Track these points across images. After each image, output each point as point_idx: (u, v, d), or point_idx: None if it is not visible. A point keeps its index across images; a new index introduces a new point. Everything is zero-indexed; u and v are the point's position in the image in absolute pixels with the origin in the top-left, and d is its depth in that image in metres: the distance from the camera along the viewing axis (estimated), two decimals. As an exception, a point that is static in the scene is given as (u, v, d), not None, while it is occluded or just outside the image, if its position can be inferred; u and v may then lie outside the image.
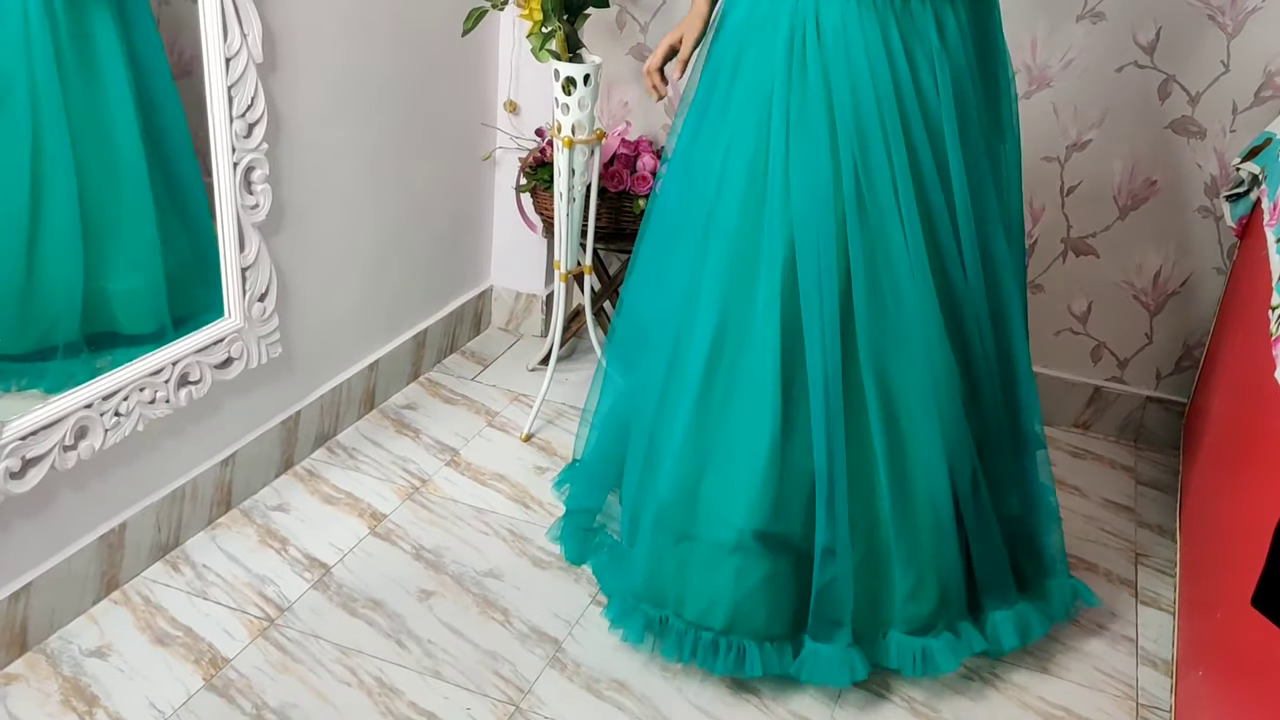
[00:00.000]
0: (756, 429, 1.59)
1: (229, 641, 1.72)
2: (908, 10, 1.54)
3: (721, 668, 1.65)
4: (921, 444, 1.61)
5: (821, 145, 1.56)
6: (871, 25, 1.53)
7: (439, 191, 2.47)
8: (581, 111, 2.16)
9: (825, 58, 1.55)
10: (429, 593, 1.86)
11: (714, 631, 1.65)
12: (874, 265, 1.58)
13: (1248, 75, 2.15)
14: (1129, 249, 2.35)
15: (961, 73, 1.58)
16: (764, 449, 1.59)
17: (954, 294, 1.62)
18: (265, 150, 1.86)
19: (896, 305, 1.59)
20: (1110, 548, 2.10)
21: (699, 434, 1.63)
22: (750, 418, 1.60)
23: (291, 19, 1.89)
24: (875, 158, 1.56)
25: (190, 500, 1.91)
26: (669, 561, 1.66)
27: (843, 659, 1.63)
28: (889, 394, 1.60)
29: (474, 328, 2.73)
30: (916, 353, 1.60)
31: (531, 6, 2.07)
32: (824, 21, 1.54)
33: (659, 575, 1.68)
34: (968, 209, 1.61)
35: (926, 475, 1.62)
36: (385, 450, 2.25)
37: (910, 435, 1.62)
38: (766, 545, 1.62)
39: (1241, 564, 1.41)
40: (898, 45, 1.54)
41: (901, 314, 1.59)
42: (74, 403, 1.62)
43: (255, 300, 1.92)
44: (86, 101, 1.64)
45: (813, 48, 1.55)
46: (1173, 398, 2.42)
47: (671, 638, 1.67)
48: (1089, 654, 1.83)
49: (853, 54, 1.54)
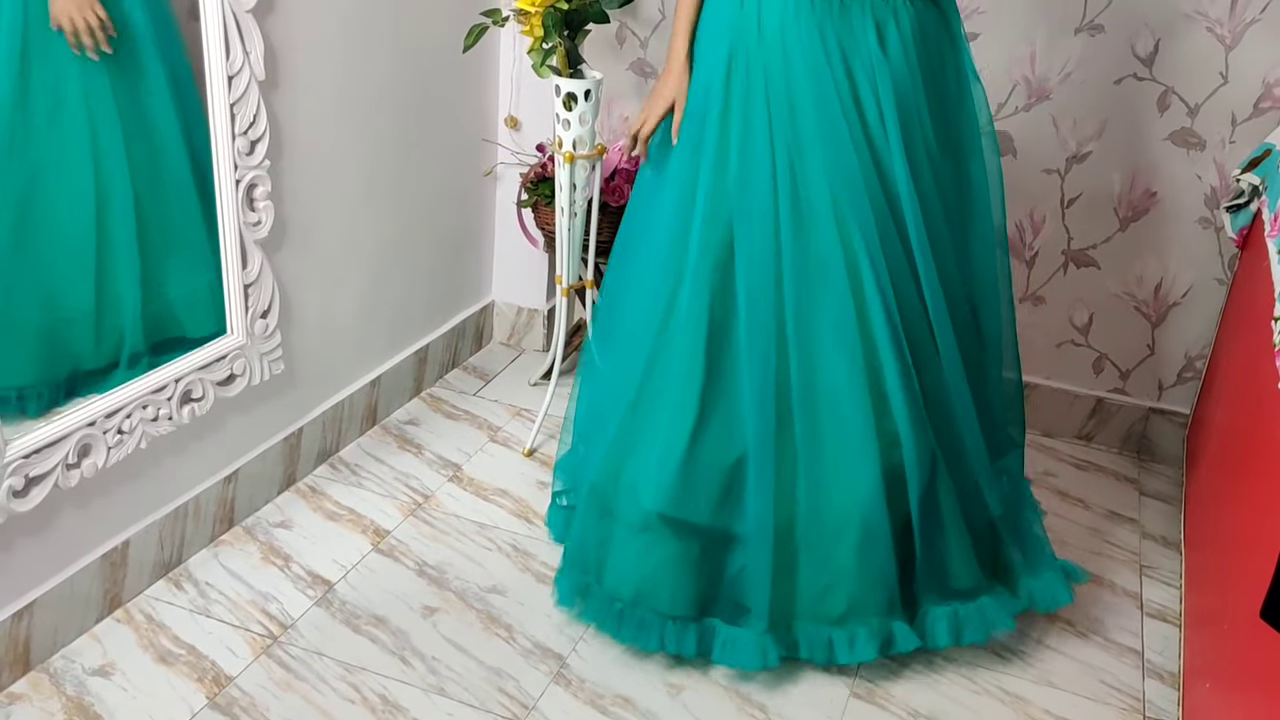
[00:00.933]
0: (674, 419, 1.68)
1: (232, 659, 1.71)
2: (846, 16, 1.57)
3: (625, 637, 1.75)
4: (846, 452, 1.65)
5: (760, 144, 1.61)
6: (809, 27, 1.57)
7: (440, 207, 2.48)
8: (582, 127, 2.17)
9: (765, 57, 1.60)
10: (432, 609, 1.85)
11: (623, 603, 1.74)
12: (806, 269, 1.63)
13: (1246, 87, 2.16)
14: (1130, 260, 2.35)
15: (904, 83, 1.60)
16: (679, 439, 1.67)
17: (900, 299, 1.64)
18: (267, 167, 1.86)
19: (827, 311, 1.63)
20: (1114, 559, 2.10)
21: (631, 420, 1.73)
22: (670, 408, 1.68)
23: (293, 36, 1.90)
24: (810, 157, 1.60)
25: (193, 517, 1.91)
26: (594, 534, 1.77)
27: (756, 644, 1.69)
28: (814, 399, 1.65)
29: (476, 343, 2.73)
30: (843, 361, 1.63)
31: (532, 23, 2.08)
32: (765, 22, 1.60)
33: (586, 545, 1.79)
34: (917, 214, 1.62)
35: (849, 483, 1.65)
36: (388, 466, 2.24)
37: (833, 442, 1.66)
38: (672, 529, 1.69)
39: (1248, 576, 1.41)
40: (834, 48, 1.58)
41: (831, 320, 1.63)
42: (77, 420, 1.62)
43: (258, 317, 1.92)
44: (135, 114, 1.69)
45: (754, 47, 1.61)
46: (1175, 409, 2.42)
47: (592, 603, 1.78)
48: (1094, 666, 1.82)
49: (790, 54, 1.59)
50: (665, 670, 1.74)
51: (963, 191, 1.73)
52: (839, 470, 1.65)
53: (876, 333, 1.62)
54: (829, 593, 1.68)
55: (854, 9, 1.57)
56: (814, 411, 1.65)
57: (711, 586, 1.73)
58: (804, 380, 1.64)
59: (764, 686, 1.72)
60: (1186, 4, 2.14)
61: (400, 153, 2.29)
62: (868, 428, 1.63)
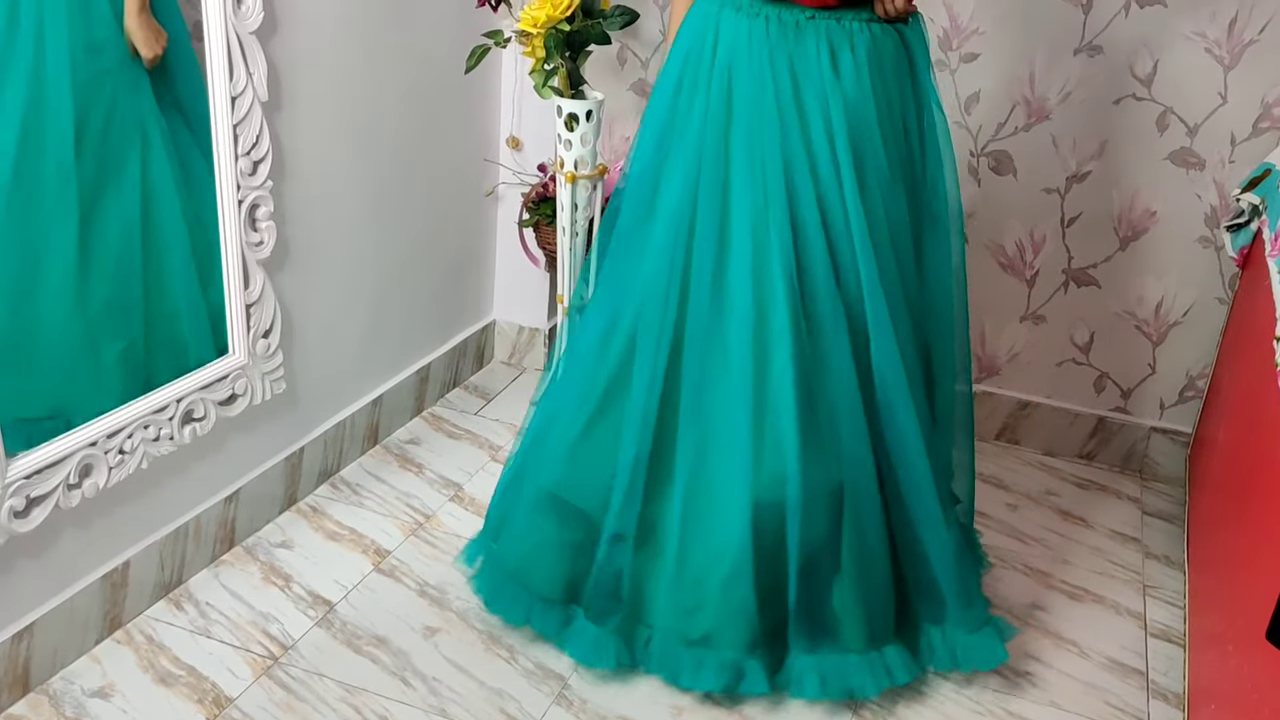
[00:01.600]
0: (580, 405, 1.73)
1: (232, 680, 1.71)
2: (801, 39, 1.58)
3: (495, 608, 1.82)
4: (727, 484, 1.63)
5: (688, 154, 1.63)
6: (761, 51, 1.58)
7: (442, 227, 2.48)
8: (584, 147, 2.17)
9: (710, 81, 1.62)
10: (434, 629, 1.85)
11: (504, 573, 1.80)
12: (717, 298, 1.62)
13: (1245, 107, 2.17)
14: (1130, 279, 2.36)
15: (856, 106, 1.58)
16: (578, 425, 1.72)
17: (824, 336, 1.61)
18: (270, 188, 1.87)
19: (731, 339, 1.62)
20: (1117, 579, 2.09)
21: (555, 399, 1.80)
22: (577, 394, 1.74)
23: (296, 57, 1.90)
24: (737, 171, 1.61)
25: (193, 538, 1.91)
26: (505, 501, 1.85)
27: (603, 642, 1.71)
28: (704, 423, 1.65)
29: (477, 362, 2.73)
30: (735, 392, 1.62)
31: (534, 44, 2.09)
32: (720, 44, 1.61)
33: (496, 510, 1.87)
34: (865, 238, 1.59)
35: (726, 513, 1.63)
36: (389, 486, 2.24)
37: (720, 472, 1.64)
38: (559, 511, 1.74)
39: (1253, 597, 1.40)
40: (784, 71, 1.58)
41: (733, 350, 1.62)
42: (78, 441, 1.62)
43: (259, 336, 1.92)
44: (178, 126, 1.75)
45: (707, 58, 1.62)
46: (1177, 428, 2.42)
47: (487, 566, 1.85)
48: (1099, 687, 1.81)
49: (736, 68, 1.60)
50: (668, 692, 1.73)
51: (920, 220, 1.69)
52: (721, 499, 1.64)
53: (776, 367, 1.60)
54: (694, 614, 1.67)
55: (808, 32, 1.57)
56: (703, 436, 1.65)
57: (584, 576, 1.74)
58: (693, 402, 1.65)
59: (765, 710, 1.71)
60: (1185, 25, 2.15)
61: (402, 172, 2.30)
62: (745, 463, 1.62)
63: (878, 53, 1.60)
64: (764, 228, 1.60)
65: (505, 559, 1.80)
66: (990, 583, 2.05)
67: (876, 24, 1.60)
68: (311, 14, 1.92)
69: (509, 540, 1.81)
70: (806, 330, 1.61)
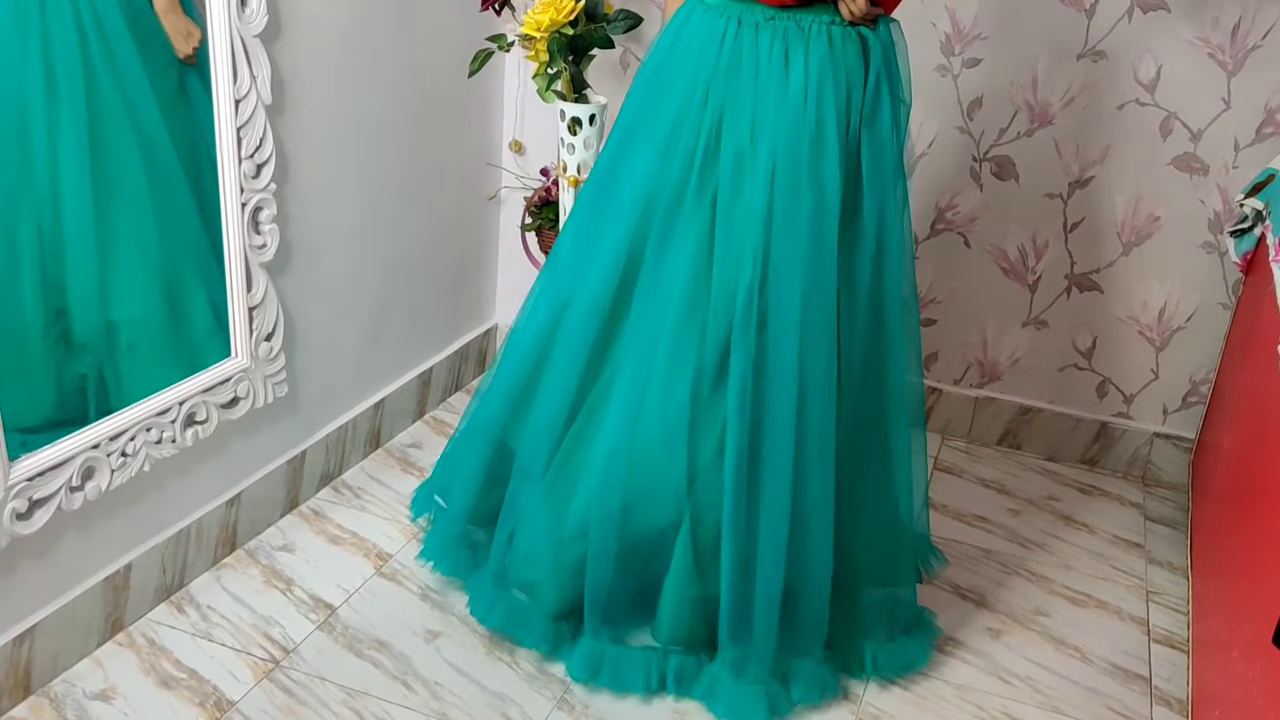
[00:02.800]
0: (521, 365, 1.82)
1: (234, 684, 1.70)
2: (758, 35, 1.59)
3: (428, 537, 1.98)
4: (585, 471, 1.70)
5: (653, 146, 1.66)
6: (728, 41, 1.60)
7: (445, 231, 2.48)
8: (587, 151, 2.17)
9: (683, 68, 1.64)
10: (435, 633, 1.84)
11: (437, 504, 1.97)
12: (656, 271, 1.66)
13: (1249, 112, 2.17)
14: (1133, 285, 2.36)
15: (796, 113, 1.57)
16: (525, 371, 1.81)
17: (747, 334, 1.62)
18: (273, 191, 1.87)
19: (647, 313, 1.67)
20: (1120, 585, 2.09)
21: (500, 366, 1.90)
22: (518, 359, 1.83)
23: (300, 61, 1.91)
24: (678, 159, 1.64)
25: (195, 541, 1.90)
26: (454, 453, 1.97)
27: (480, 584, 1.84)
28: (604, 407, 1.71)
29: (479, 366, 2.73)
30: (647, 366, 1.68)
31: (538, 48, 2.09)
32: (692, 30, 1.64)
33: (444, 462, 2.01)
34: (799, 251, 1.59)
35: (583, 498, 1.70)
36: (391, 489, 2.24)
37: (585, 455, 1.71)
38: (497, 453, 1.83)
39: (1258, 602, 1.40)
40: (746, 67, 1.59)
41: (649, 321, 1.67)
42: (81, 443, 1.62)
43: (262, 339, 1.92)
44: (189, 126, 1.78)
45: (678, 56, 1.65)
46: (1180, 434, 2.42)
47: (424, 486, 2.04)
48: (1102, 693, 1.81)
49: (701, 67, 1.62)
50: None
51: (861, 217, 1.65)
52: (581, 483, 1.71)
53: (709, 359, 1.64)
54: (540, 586, 1.76)
55: (765, 32, 1.58)
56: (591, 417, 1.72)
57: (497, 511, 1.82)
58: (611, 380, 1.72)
59: (769, 712, 1.71)
60: (1188, 30, 2.15)
61: (405, 176, 2.30)
62: (607, 462, 1.67)
63: (833, 57, 1.58)
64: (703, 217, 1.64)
65: (437, 485, 1.95)
66: (993, 588, 2.05)
67: (838, 27, 1.59)
68: (315, 17, 1.92)
69: (441, 467, 1.96)
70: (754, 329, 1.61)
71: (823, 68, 1.58)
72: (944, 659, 1.85)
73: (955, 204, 2.40)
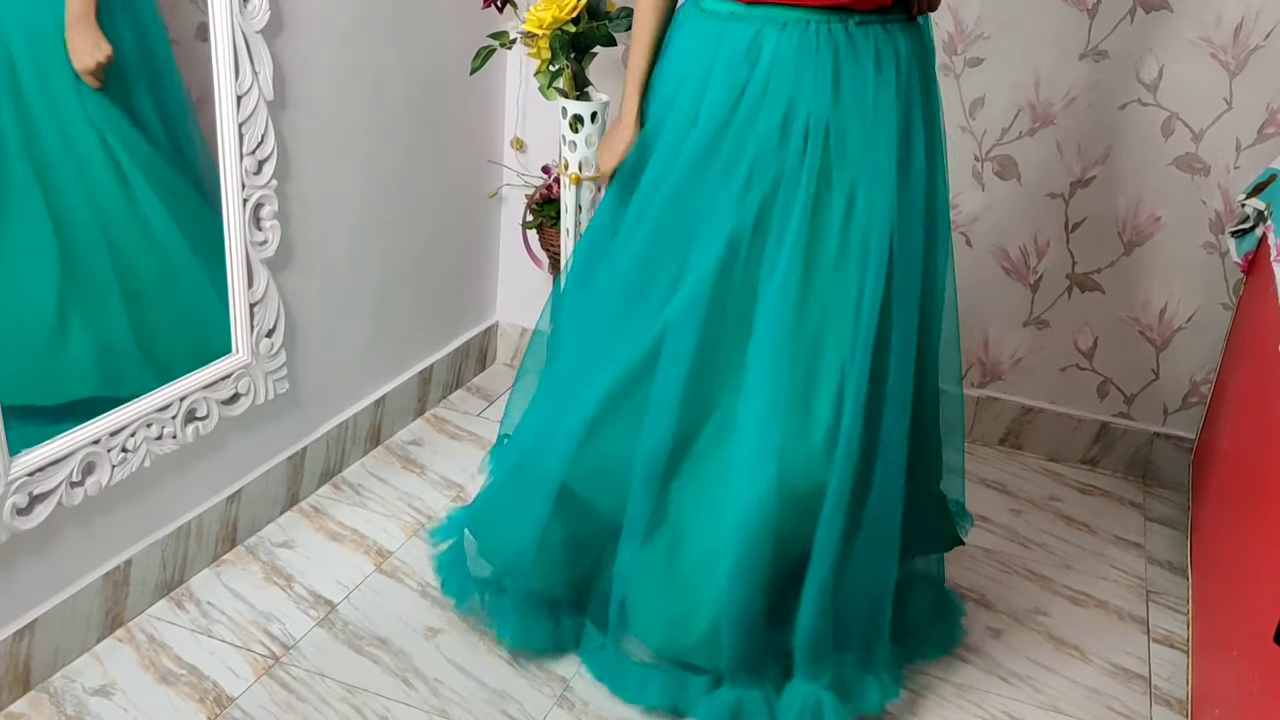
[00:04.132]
0: (594, 396, 1.65)
1: (234, 680, 1.70)
2: (853, 44, 1.51)
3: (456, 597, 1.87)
4: (703, 520, 1.60)
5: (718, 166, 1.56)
6: (807, 60, 1.52)
7: (446, 228, 2.48)
8: (588, 149, 2.17)
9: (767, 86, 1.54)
10: (435, 630, 1.84)
11: (485, 577, 1.83)
12: (780, 305, 1.55)
13: (1251, 112, 2.16)
14: (1134, 285, 2.36)
15: (886, 112, 1.54)
16: (594, 414, 1.64)
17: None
18: (275, 187, 1.87)
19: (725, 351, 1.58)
20: (1120, 584, 2.09)
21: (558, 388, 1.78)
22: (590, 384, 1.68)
23: (302, 57, 1.90)
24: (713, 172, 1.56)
25: (195, 537, 1.90)
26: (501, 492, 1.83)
27: (612, 663, 1.71)
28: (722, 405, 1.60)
29: (479, 363, 2.73)
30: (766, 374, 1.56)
31: (539, 45, 2.09)
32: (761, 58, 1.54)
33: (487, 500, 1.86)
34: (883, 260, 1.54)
35: (720, 510, 1.58)
36: (391, 487, 2.24)
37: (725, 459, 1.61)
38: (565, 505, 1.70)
39: (1258, 601, 1.40)
40: (827, 79, 1.52)
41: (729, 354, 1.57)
42: (82, 439, 1.62)
43: (263, 336, 1.92)
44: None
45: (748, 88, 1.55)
46: (1180, 434, 2.42)
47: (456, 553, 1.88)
48: (1102, 693, 1.81)
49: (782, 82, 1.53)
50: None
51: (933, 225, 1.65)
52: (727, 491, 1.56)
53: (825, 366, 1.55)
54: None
55: (859, 37, 1.52)
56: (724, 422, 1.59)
57: (589, 576, 1.75)
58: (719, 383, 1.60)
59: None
60: (1190, 30, 2.15)
61: (406, 173, 2.30)
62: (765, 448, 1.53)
63: (911, 56, 1.56)
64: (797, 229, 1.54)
65: (495, 551, 1.77)
66: (993, 588, 2.05)
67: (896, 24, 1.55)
68: (317, 13, 1.92)
69: (500, 531, 1.76)
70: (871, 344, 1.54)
71: (910, 66, 1.55)
72: (944, 658, 1.85)
73: (957, 203, 2.40)
